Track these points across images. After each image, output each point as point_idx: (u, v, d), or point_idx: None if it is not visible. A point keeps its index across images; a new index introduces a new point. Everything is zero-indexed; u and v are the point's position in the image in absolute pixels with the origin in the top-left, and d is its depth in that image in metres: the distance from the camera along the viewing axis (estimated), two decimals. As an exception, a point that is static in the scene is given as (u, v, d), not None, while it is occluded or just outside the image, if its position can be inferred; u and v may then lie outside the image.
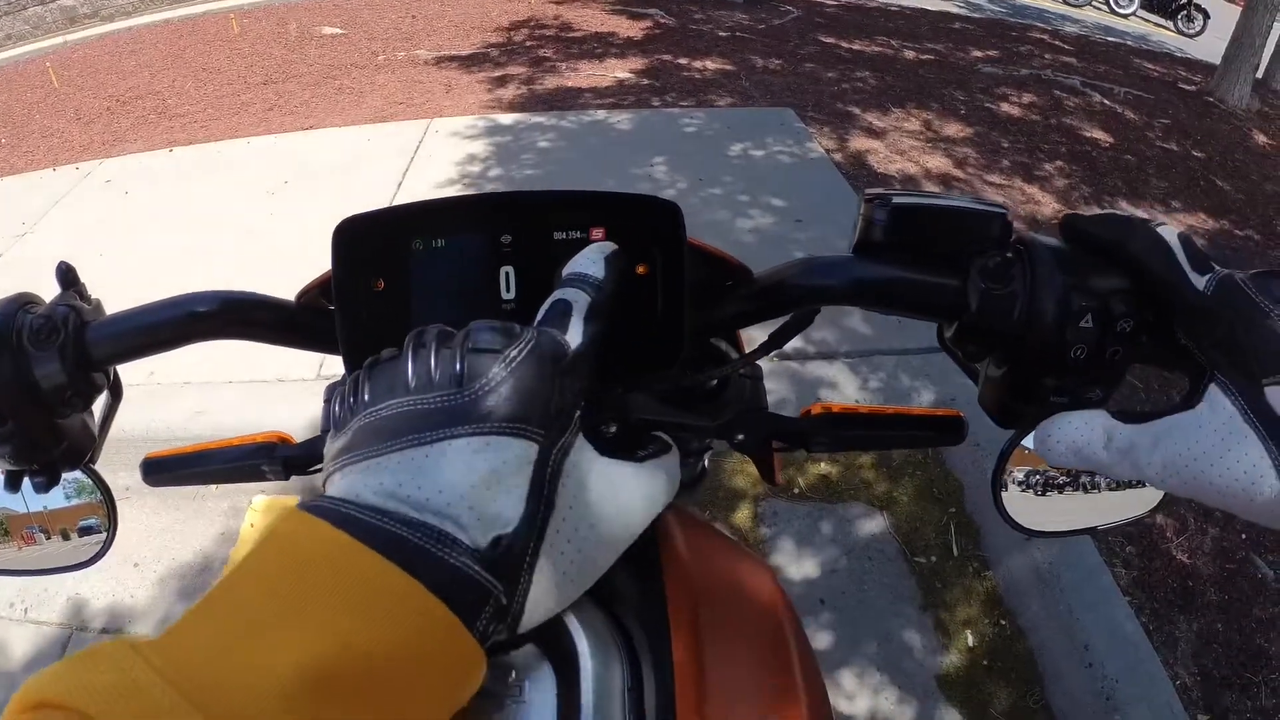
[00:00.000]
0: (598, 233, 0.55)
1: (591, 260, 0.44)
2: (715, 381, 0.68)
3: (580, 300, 0.42)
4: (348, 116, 5.55)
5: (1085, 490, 0.60)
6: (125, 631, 2.25)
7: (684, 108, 5.44)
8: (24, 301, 0.57)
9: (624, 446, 0.45)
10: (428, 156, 4.64)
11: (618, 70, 6.31)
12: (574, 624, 0.49)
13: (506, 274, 0.55)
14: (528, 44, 7.22)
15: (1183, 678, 2.00)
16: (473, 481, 0.34)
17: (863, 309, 0.55)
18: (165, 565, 2.41)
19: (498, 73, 6.34)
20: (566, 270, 0.44)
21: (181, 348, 0.60)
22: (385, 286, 0.55)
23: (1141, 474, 0.41)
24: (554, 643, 0.49)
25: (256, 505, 2.60)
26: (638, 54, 6.79)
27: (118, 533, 0.71)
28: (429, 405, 0.35)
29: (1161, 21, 11.60)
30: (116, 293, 0.88)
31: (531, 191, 0.56)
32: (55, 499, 0.66)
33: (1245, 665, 2.05)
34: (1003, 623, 2.18)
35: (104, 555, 0.70)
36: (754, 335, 0.71)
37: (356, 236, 0.54)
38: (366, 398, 0.37)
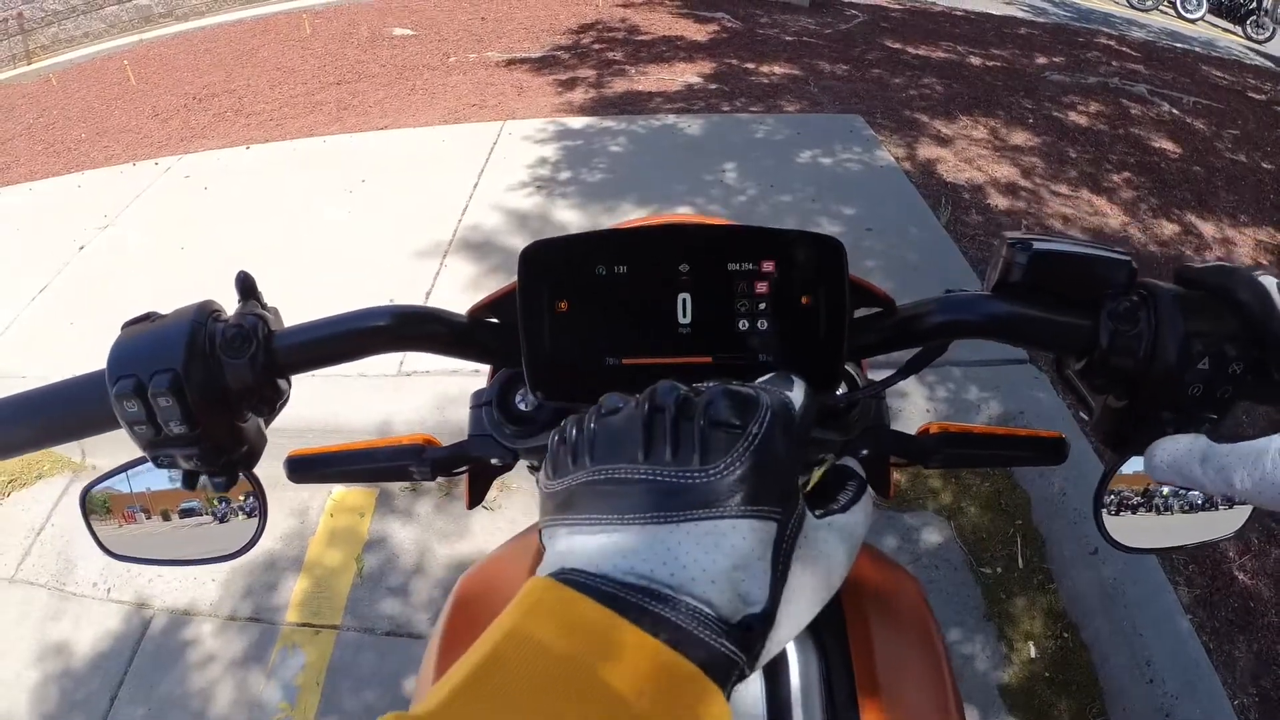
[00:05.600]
0: (768, 265, 0.58)
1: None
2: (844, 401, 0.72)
3: (798, 383, 0.44)
4: (422, 117, 5.61)
5: (1175, 512, 0.66)
6: (203, 616, 2.35)
7: (753, 113, 5.42)
8: (211, 310, 0.59)
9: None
10: (502, 158, 4.69)
11: (686, 74, 6.31)
12: None
13: (683, 300, 0.58)
14: (596, 47, 7.24)
15: (1241, 698, 2.01)
16: (724, 567, 0.35)
17: (995, 341, 0.60)
18: (245, 555, 2.50)
19: (568, 75, 6.38)
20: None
21: (359, 360, 0.63)
22: (569, 308, 0.58)
23: (1233, 490, 0.45)
24: None
25: (336, 497, 2.69)
26: (705, 58, 6.77)
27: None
28: (671, 481, 0.36)
29: (1230, 27, 11.18)
30: (201, 286, 0.95)
31: (710, 225, 0.60)
32: (159, 481, 0.68)
33: (1305, 688, 2.05)
34: (1065, 636, 2.21)
35: (254, 546, 0.76)
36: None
37: (543, 260, 0.58)
38: (593, 452, 0.38)
